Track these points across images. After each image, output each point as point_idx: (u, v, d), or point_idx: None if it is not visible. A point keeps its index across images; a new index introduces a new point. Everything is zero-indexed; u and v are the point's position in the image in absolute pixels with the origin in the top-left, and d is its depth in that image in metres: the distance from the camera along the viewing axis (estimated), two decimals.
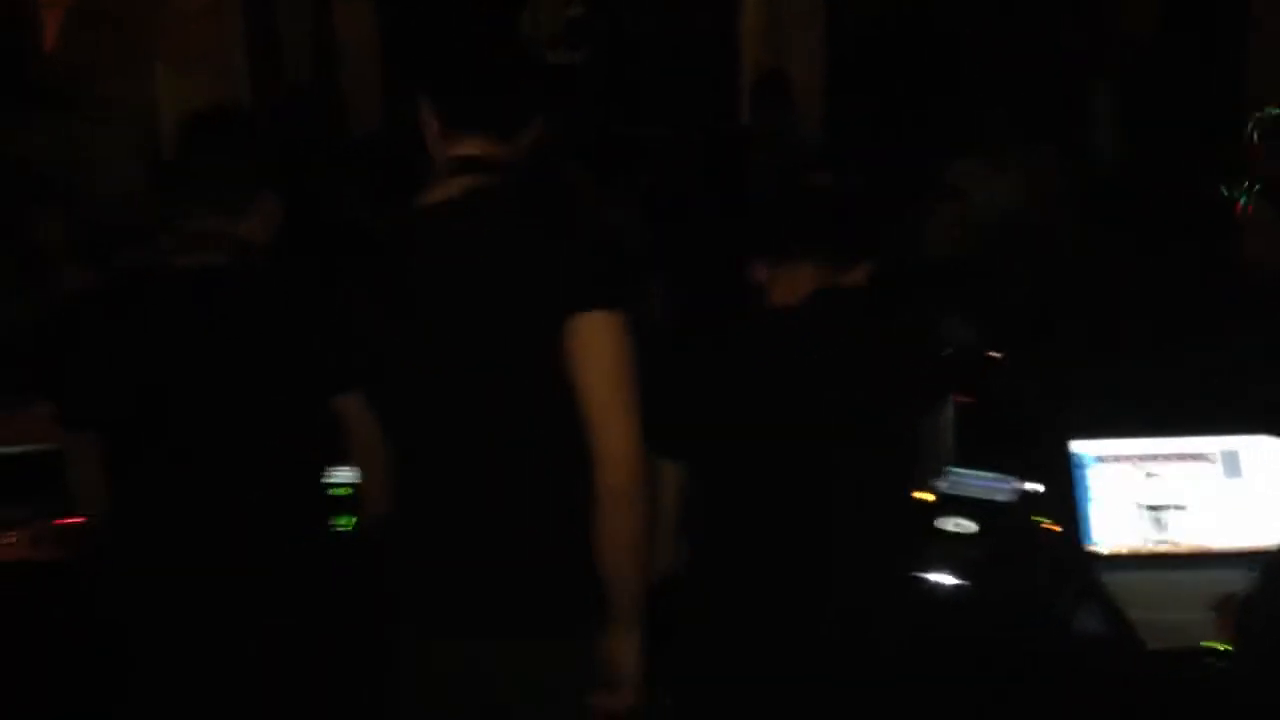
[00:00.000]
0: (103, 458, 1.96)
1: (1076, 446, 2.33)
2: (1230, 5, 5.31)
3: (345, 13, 5.99)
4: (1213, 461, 2.34)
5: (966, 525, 2.41)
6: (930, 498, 2.48)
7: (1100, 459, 2.34)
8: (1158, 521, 2.31)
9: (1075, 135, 5.41)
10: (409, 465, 1.89)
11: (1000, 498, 2.49)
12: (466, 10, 2.08)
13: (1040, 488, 2.51)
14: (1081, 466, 2.33)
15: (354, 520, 2.20)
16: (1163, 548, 2.30)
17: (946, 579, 2.29)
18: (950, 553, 2.34)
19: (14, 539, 2.48)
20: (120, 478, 1.97)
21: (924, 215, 3.51)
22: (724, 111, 6.12)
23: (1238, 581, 2.16)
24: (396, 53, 5.78)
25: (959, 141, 4.36)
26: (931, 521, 2.40)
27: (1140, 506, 2.32)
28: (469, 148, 1.81)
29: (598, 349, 1.71)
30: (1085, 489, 2.32)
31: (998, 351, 2.85)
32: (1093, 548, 2.30)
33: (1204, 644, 2.04)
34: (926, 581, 2.27)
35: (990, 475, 2.55)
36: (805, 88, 5.97)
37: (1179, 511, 2.31)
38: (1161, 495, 2.32)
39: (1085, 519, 2.30)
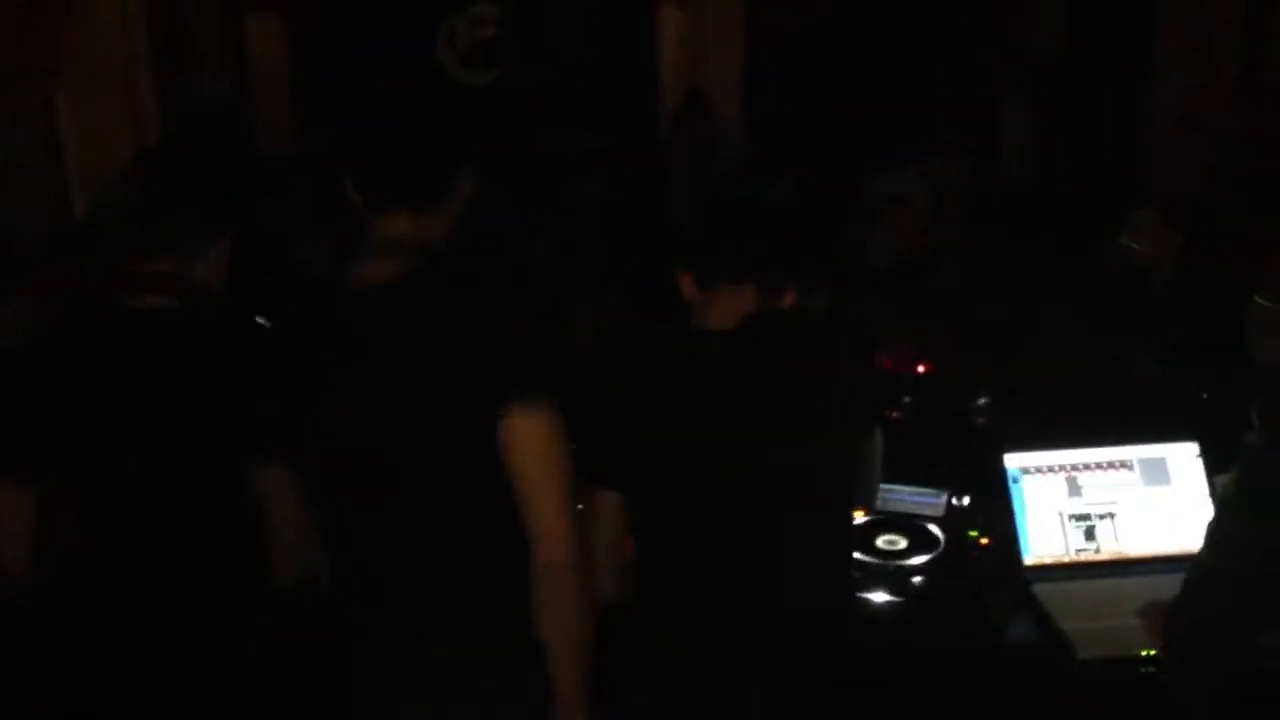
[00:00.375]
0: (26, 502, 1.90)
1: (1007, 460, 2.36)
2: (1135, 26, 5.46)
3: (256, 27, 5.89)
4: (1136, 470, 2.37)
5: (898, 541, 2.42)
6: (862, 514, 2.48)
7: (1027, 470, 2.37)
8: (1085, 531, 2.34)
9: (987, 148, 5.52)
10: (346, 540, 1.86)
11: (930, 512, 2.50)
12: (375, 71, 2.07)
13: (967, 500, 2.53)
14: (1011, 479, 2.36)
15: None
16: (1091, 556, 2.33)
17: (882, 596, 2.29)
18: (884, 570, 2.35)
19: None
20: (48, 523, 1.91)
21: (869, 224, 3.53)
22: (644, 127, 6.13)
23: (1166, 587, 2.20)
24: (310, 98, 5.71)
25: (878, 153, 4.41)
26: (864, 539, 2.40)
27: (1068, 516, 2.35)
28: (393, 227, 1.77)
29: (528, 437, 1.71)
30: (1016, 501, 2.35)
31: (923, 364, 2.87)
32: (1024, 559, 2.32)
33: (1136, 651, 2.07)
34: (863, 600, 2.27)
35: (919, 490, 2.56)
36: (724, 101, 6.01)
37: (1106, 520, 2.35)
38: (1088, 505, 2.36)
39: (1019, 531, 2.33)
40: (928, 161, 4.01)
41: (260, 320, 1.99)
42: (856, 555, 2.34)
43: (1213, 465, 2.33)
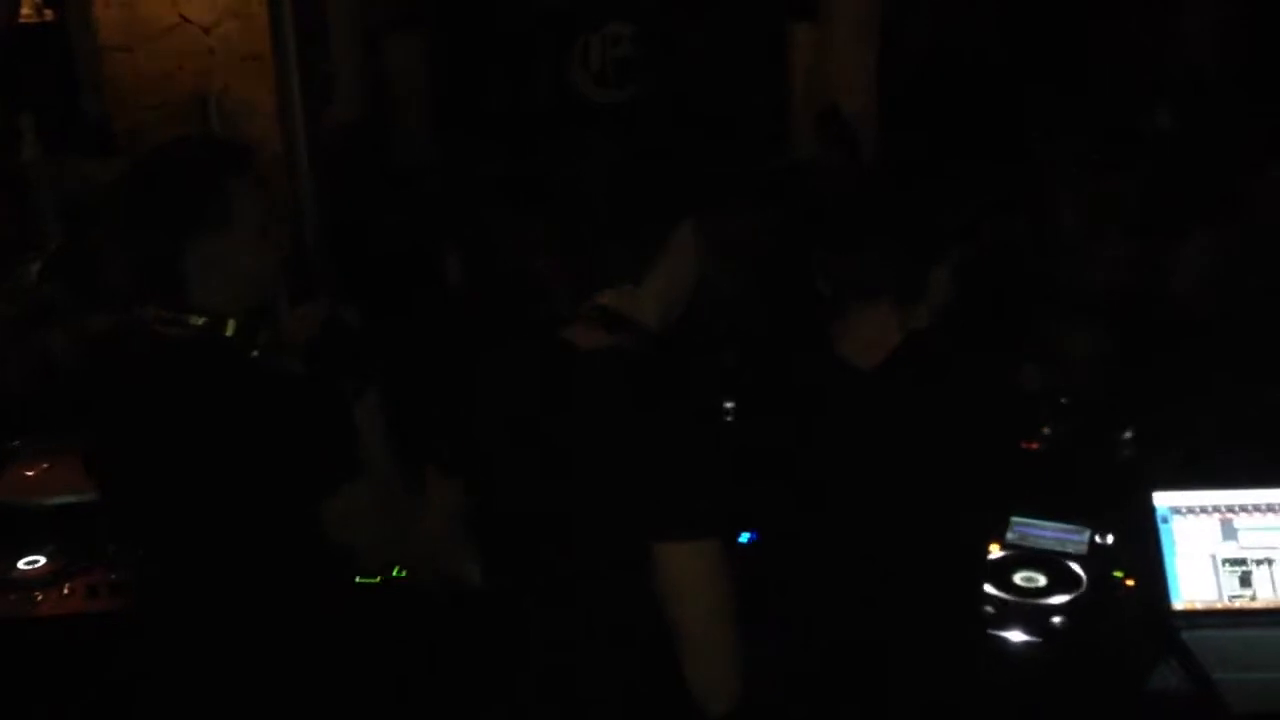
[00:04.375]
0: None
1: (1157, 498, 2.25)
2: None
3: (395, 46, 6.02)
4: None
5: (1037, 579, 2.33)
6: (998, 549, 2.40)
7: (1178, 510, 2.25)
8: (1241, 577, 2.22)
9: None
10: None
11: (1071, 549, 2.40)
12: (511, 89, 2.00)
13: (1111, 539, 2.42)
14: (1161, 519, 2.25)
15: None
16: (1247, 604, 2.21)
17: (1018, 636, 2.21)
18: (1021, 609, 2.26)
19: (68, 590, 2.46)
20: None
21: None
22: (776, 145, 6.08)
23: None
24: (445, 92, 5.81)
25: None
26: (1001, 574, 2.32)
27: (1221, 560, 2.23)
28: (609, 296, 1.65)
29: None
30: (1165, 542, 2.24)
31: (1065, 396, 2.76)
32: (1173, 604, 2.21)
33: None
34: (1001, 638, 2.19)
35: (1058, 525, 2.46)
36: (858, 120, 5.92)
37: (1263, 566, 2.22)
38: (1244, 549, 2.23)
39: (1168, 574, 2.21)
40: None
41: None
42: (992, 591, 2.26)
43: None
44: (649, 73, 5.69)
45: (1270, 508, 2.24)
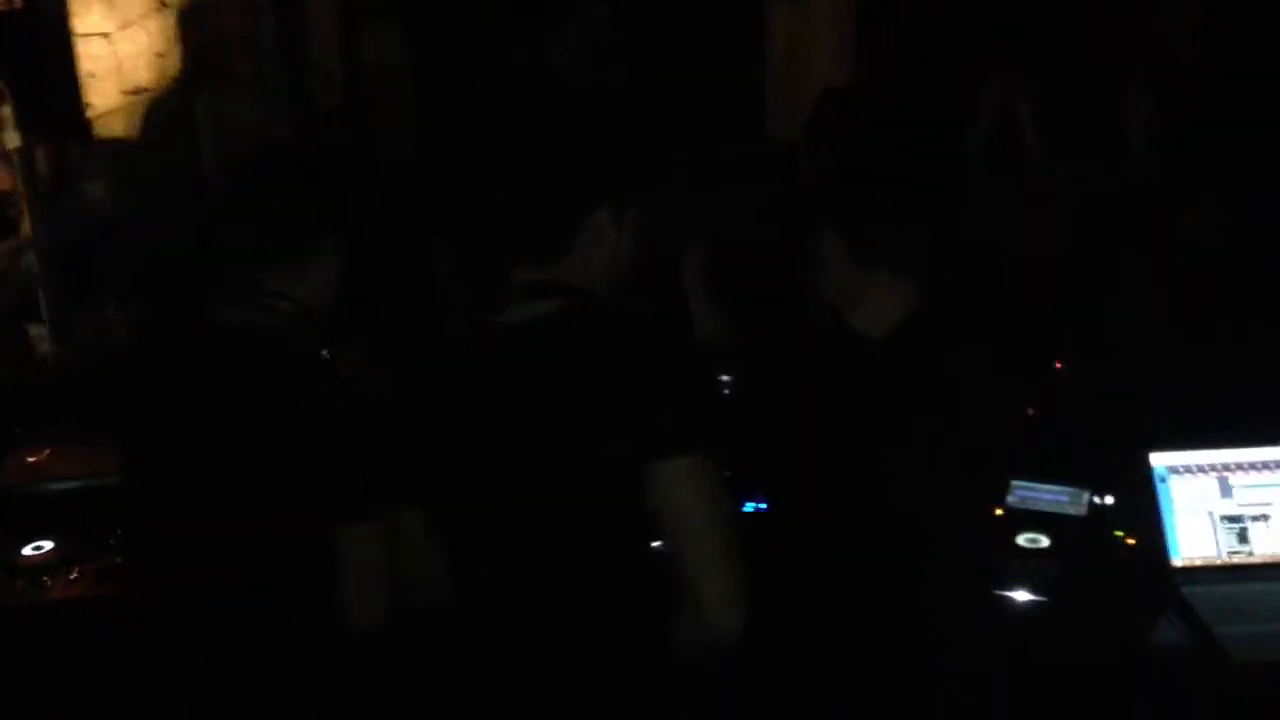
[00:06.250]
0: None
1: (1154, 459, 2.30)
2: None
3: (374, 37, 6.00)
4: None
5: (1040, 540, 2.37)
6: (999, 512, 2.44)
7: (1175, 470, 2.30)
8: (1238, 533, 2.27)
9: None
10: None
11: (1072, 511, 2.45)
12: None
13: (1110, 500, 2.47)
14: (1158, 478, 2.29)
15: None
16: (1245, 559, 2.26)
17: (1024, 595, 2.25)
18: (1026, 568, 2.30)
19: (76, 575, 2.46)
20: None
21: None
22: (752, 128, 6.10)
23: None
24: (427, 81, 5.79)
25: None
26: (1005, 537, 2.36)
27: (1219, 518, 2.28)
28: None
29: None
30: (1163, 501, 2.29)
31: (1060, 359, 2.81)
32: (1172, 561, 2.26)
33: None
34: (1005, 598, 2.23)
35: (1058, 488, 2.51)
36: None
37: (1260, 522, 2.27)
38: (1240, 506, 2.28)
39: (1167, 532, 2.26)
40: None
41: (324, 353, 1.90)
42: (996, 552, 2.31)
43: None
44: (624, 56, 5.70)
45: (1265, 465, 2.30)
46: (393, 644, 1.93)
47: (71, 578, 2.46)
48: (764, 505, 2.44)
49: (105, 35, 4.34)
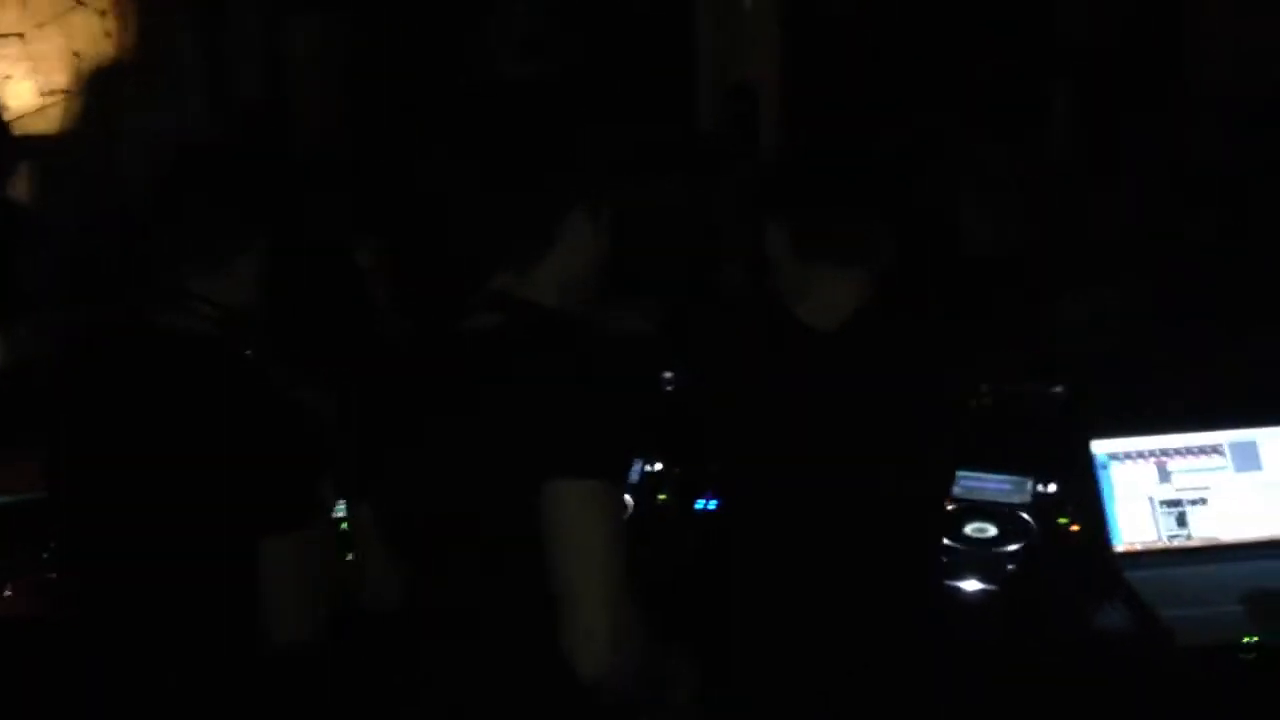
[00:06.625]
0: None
1: (1095, 445, 2.34)
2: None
3: (298, 26, 5.89)
4: (1227, 454, 2.35)
5: (987, 529, 2.40)
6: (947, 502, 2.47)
7: (1115, 456, 2.35)
8: (1177, 517, 2.32)
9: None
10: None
11: (1017, 499, 2.48)
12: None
13: (1054, 488, 2.51)
14: (1100, 465, 2.34)
15: None
16: (1184, 543, 2.31)
17: (973, 585, 2.28)
18: (974, 558, 2.33)
19: (10, 593, 2.39)
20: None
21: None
22: (682, 119, 6.10)
23: (1263, 573, 2.19)
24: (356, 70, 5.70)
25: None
26: (952, 526, 2.39)
27: (1158, 502, 2.33)
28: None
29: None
30: (1104, 487, 2.33)
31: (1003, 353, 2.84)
32: (1115, 546, 2.30)
33: (1238, 638, 2.05)
34: (954, 588, 2.26)
35: (1002, 477, 2.54)
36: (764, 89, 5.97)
37: (1198, 505, 2.32)
38: (1179, 490, 2.33)
39: (1109, 518, 2.31)
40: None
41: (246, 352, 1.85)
42: (946, 542, 2.33)
43: None
44: (556, 45, 5.66)
45: (1202, 450, 2.35)
46: (344, 646, 1.91)
47: (5, 595, 2.38)
48: (714, 504, 2.45)
49: (20, 35, 4.23)
